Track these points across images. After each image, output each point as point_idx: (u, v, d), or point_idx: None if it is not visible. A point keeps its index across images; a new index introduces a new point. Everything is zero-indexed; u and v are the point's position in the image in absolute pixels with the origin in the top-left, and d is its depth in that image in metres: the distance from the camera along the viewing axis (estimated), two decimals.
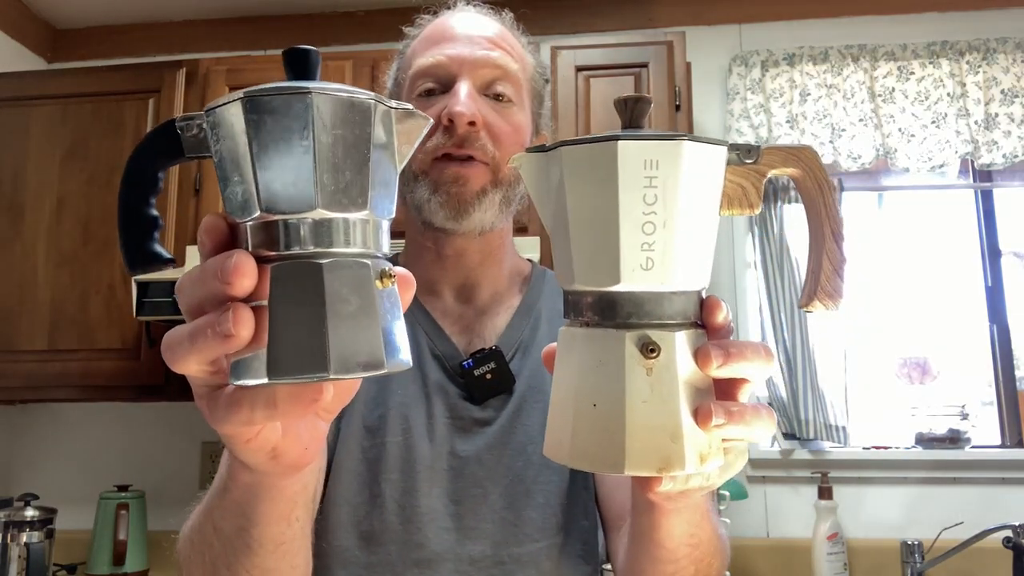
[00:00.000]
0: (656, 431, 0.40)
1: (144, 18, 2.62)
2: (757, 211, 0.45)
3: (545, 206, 0.45)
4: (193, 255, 2.04)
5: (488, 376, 0.80)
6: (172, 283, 1.85)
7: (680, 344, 0.42)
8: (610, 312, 0.42)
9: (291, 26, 2.57)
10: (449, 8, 0.88)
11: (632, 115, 0.44)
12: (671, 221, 0.40)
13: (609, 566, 0.81)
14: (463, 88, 0.79)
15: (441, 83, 0.81)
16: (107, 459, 2.42)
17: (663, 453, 0.40)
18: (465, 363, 0.80)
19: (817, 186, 0.45)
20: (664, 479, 0.43)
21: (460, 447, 0.79)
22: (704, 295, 0.45)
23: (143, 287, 1.89)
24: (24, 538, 1.97)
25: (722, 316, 0.44)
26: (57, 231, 2.13)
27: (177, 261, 1.90)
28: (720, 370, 0.42)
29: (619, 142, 0.40)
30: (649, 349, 0.41)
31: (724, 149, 0.43)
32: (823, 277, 0.45)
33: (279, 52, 0.43)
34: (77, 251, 2.11)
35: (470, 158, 0.79)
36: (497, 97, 0.82)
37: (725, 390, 0.45)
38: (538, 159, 0.45)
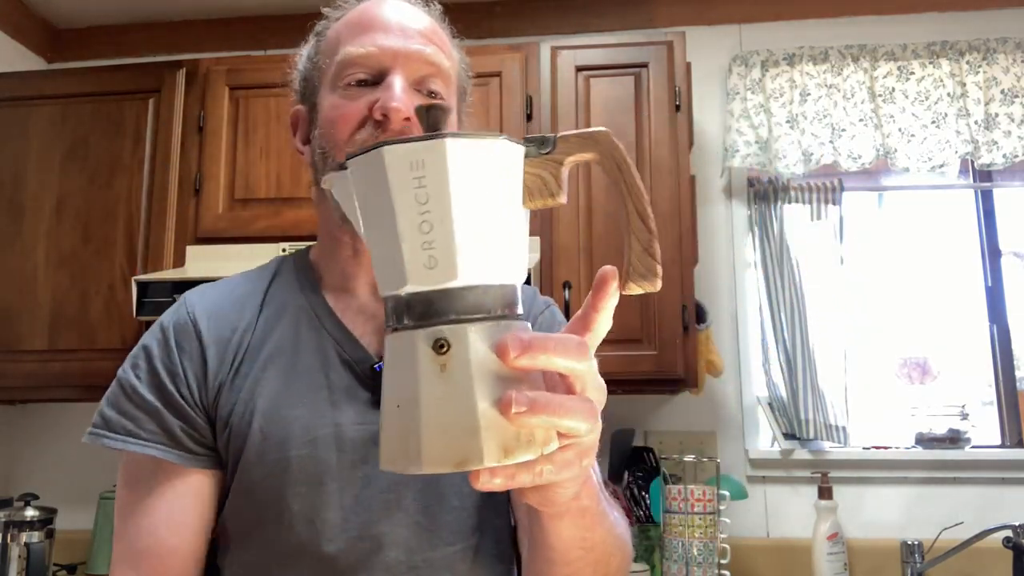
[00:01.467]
0: (452, 427, 0.40)
1: (144, 18, 2.62)
2: (560, 200, 0.45)
3: (355, 223, 0.46)
4: (193, 255, 2.04)
5: None
6: (172, 283, 1.85)
7: (475, 338, 0.41)
8: (407, 314, 0.42)
9: (291, 26, 2.55)
10: None
11: (429, 123, 0.45)
12: (447, 218, 0.40)
13: None
14: (397, 82, 0.76)
15: (372, 74, 0.78)
16: (107, 459, 2.41)
17: (460, 449, 0.40)
18: (377, 365, 0.77)
19: (616, 166, 0.45)
20: (482, 473, 0.41)
21: (371, 454, 0.75)
22: (518, 286, 0.45)
23: (143, 287, 1.88)
24: (24, 538, 1.97)
25: (516, 356, 0.41)
26: (57, 231, 2.13)
27: (177, 261, 1.88)
28: (519, 360, 0.40)
29: (383, 148, 0.41)
30: (439, 346, 0.41)
31: (505, 142, 0.43)
32: (633, 257, 0.45)
33: (279, 52, 0.45)
34: (77, 251, 2.11)
35: None
36: (429, 94, 0.80)
37: (557, 383, 0.45)
38: (339, 178, 0.46)
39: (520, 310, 0.44)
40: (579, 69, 2.05)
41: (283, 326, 0.80)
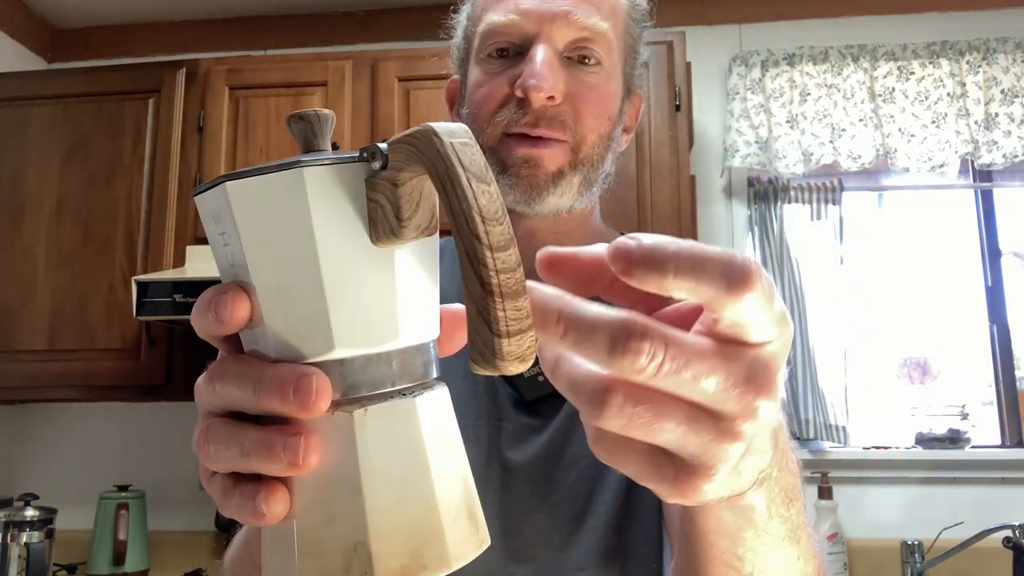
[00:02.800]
0: (280, 546, 0.33)
1: (144, 18, 2.62)
2: (407, 236, 0.31)
3: None
4: (193, 255, 2.05)
5: (540, 378, 0.68)
6: (172, 283, 1.85)
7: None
8: None
9: (291, 26, 2.57)
10: None
11: (298, 137, 0.34)
12: (250, 284, 0.31)
13: None
14: (540, 53, 0.66)
15: (515, 43, 0.69)
16: (107, 459, 2.42)
17: (282, 573, 0.33)
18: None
19: (439, 183, 0.29)
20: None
21: (508, 455, 0.69)
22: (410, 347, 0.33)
23: (143, 287, 1.89)
24: (24, 538, 1.97)
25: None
26: (57, 231, 2.13)
27: (177, 261, 1.89)
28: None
29: (196, 197, 0.33)
30: None
31: (306, 171, 0.30)
32: (471, 328, 0.28)
33: (279, 52, 0.42)
34: (77, 251, 2.11)
35: (545, 139, 0.68)
36: (582, 60, 0.69)
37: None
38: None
39: (393, 384, 0.32)
40: None
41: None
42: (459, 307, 0.35)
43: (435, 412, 0.33)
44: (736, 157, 2.30)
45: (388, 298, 0.32)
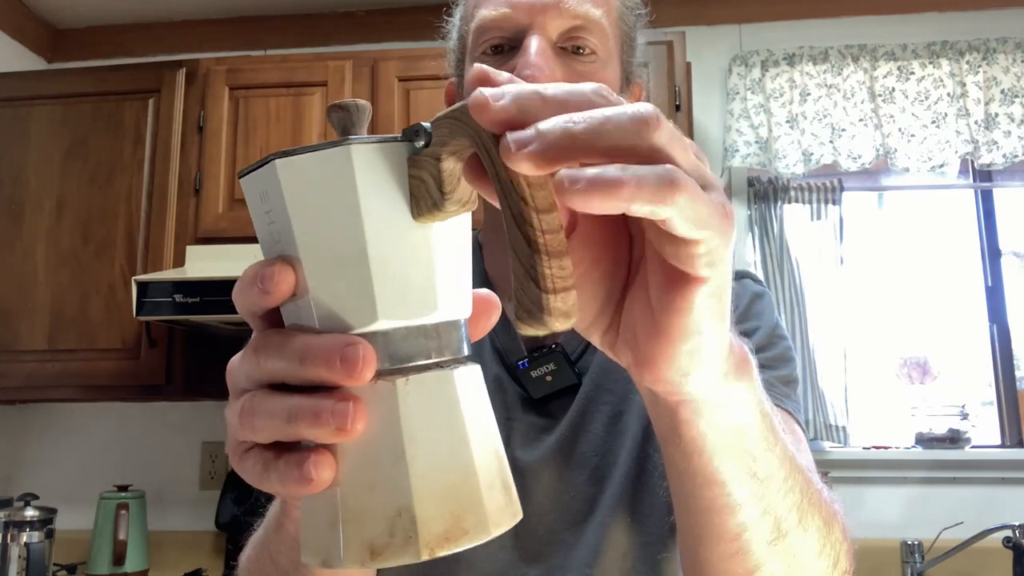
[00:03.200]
0: (320, 516, 0.34)
1: (144, 18, 2.62)
2: (449, 210, 0.32)
3: None
4: (193, 255, 2.04)
5: (548, 378, 0.70)
6: (172, 283, 1.85)
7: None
8: None
9: (291, 26, 2.57)
10: None
11: (337, 126, 0.36)
12: (297, 258, 0.32)
13: None
14: (534, 44, 0.66)
15: (509, 38, 0.69)
16: (107, 459, 2.42)
17: (323, 543, 0.34)
18: (520, 363, 0.70)
19: (485, 153, 0.30)
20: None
21: (519, 455, 0.69)
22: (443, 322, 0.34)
23: (143, 287, 1.89)
24: (24, 538, 1.97)
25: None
26: (57, 231, 2.13)
27: (177, 261, 1.88)
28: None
29: (241, 179, 0.34)
30: None
31: (353, 147, 0.32)
32: (517, 287, 0.30)
33: (279, 52, 0.42)
34: (77, 251, 2.11)
35: None
36: (577, 50, 0.69)
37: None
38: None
39: (436, 356, 0.33)
40: None
41: None
42: (487, 292, 0.37)
43: (471, 385, 0.34)
44: (736, 157, 2.30)
45: (428, 272, 0.33)
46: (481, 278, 0.77)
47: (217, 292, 1.85)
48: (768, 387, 0.57)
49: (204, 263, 2.02)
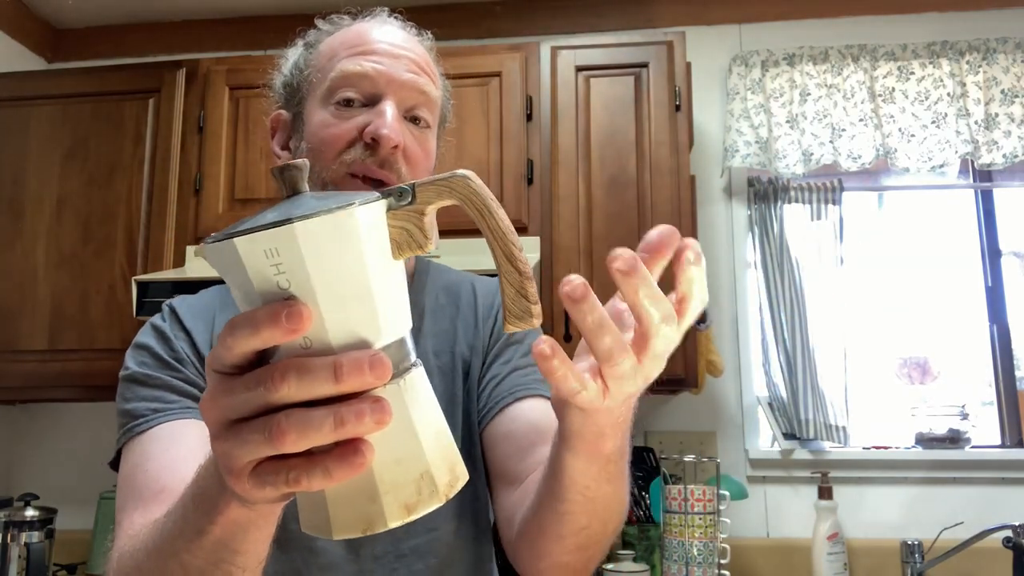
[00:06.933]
0: (353, 494, 0.42)
1: (144, 18, 2.62)
2: (429, 249, 0.44)
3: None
4: (193, 255, 2.04)
5: None
6: (172, 283, 1.85)
7: None
8: None
9: (291, 26, 2.54)
10: (371, 16, 0.88)
11: (288, 183, 0.44)
12: (312, 300, 0.39)
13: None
14: (390, 110, 0.80)
15: (364, 95, 0.81)
16: (107, 459, 2.41)
17: (364, 514, 0.42)
18: None
19: (476, 211, 0.43)
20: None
21: None
22: (404, 336, 0.44)
23: (143, 287, 1.88)
24: (24, 538, 1.97)
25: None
26: (57, 231, 2.13)
27: (177, 261, 1.87)
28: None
29: (235, 240, 0.39)
30: None
31: (359, 209, 0.40)
32: (507, 300, 0.44)
33: (279, 52, 0.45)
34: (77, 251, 2.11)
35: (383, 182, 0.80)
36: (415, 120, 0.83)
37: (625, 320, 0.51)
38: (209, 252, 0.43)
39: (412, 359, 0.44)
40: (579, 69, 2.05)
41: None
42: None
43: (426, 376, 0.46)
44: (736, 157, 2.31)
45: (403, 297, 0.44)
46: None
47: None
48: (543, 383, 0.84)
49: (204, 263, 2.02)
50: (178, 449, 0.75)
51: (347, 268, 0.40)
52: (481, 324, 0.91)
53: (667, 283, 0.48)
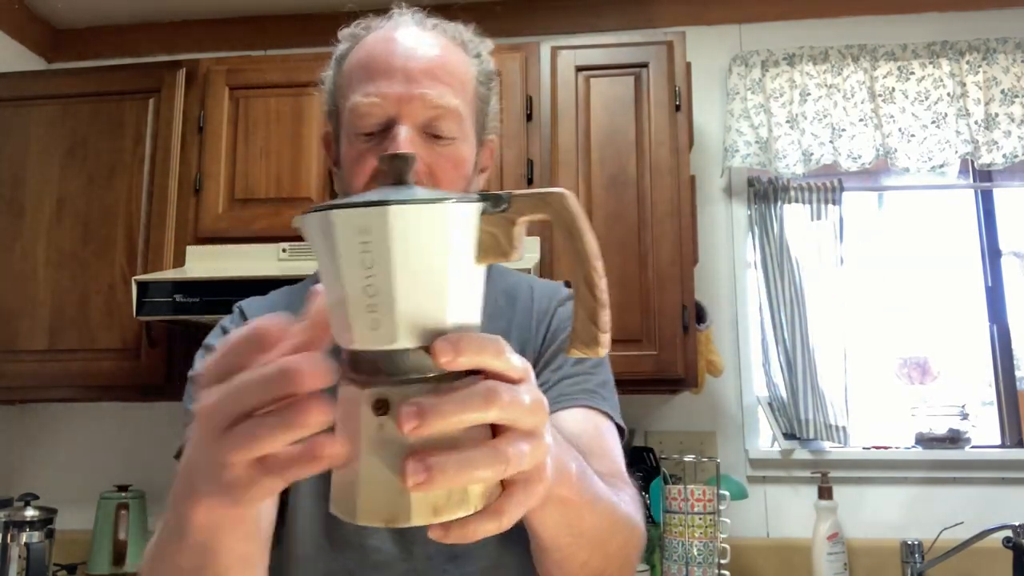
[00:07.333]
0: (384, 485, 0.42)
1: (144, 18, 2.62)
2: (514, 257, 0.44)
3: (318, 265, 0.46)
4: (193, 255, 2.04)
5: None
6: (172, 283, 1.85)
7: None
8: (357, 368, 0.44)
9: (291, 26, 2.57)
10: (390, 18, 0.86)
11: (393, 174, 0.45)
12: (390, 284, 0.41)
13: None
14: (402, 133, 0.78)
15: (379, 125, 0.80)
16: (107, 459, 2.42)
17: (390, 506, 0.42)
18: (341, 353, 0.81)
19: (567, 230, 0.44)
20: (433, 528, 0.43)
21: None
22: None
23: (143, 287, 1.89)
24: (24, 538, 1.97)
25: (448, 359, 0.41)
26: (57, 231, 2.13)
27: (177, 261, 1.88)
28: (418, 431, 0.40)
29: (332, 212, 0.41)
30: (379, 405, 0.42)
31: (454, 205, 0.42)
32: (577, 324, 0.44)
33: (279, 52, 0.44)
34: (77, 251, 2.11)
35: None
36: (436, 138, 0.81)
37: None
38: (302, 223, 0.46)
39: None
40: (579, 69, 2.05)
41: None
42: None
43: None
44: (736, 157, 2.31)
45: (476, 302, 0.45)
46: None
47: (217, 292, 1.85)
48: (590, 395, 0.84)
49: (204, 263, 2.02)
50: None
51: (429, 260, 0.41)
52: (535, 327, 0.90)
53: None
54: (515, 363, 0.44)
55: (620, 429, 0.87)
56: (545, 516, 0.57)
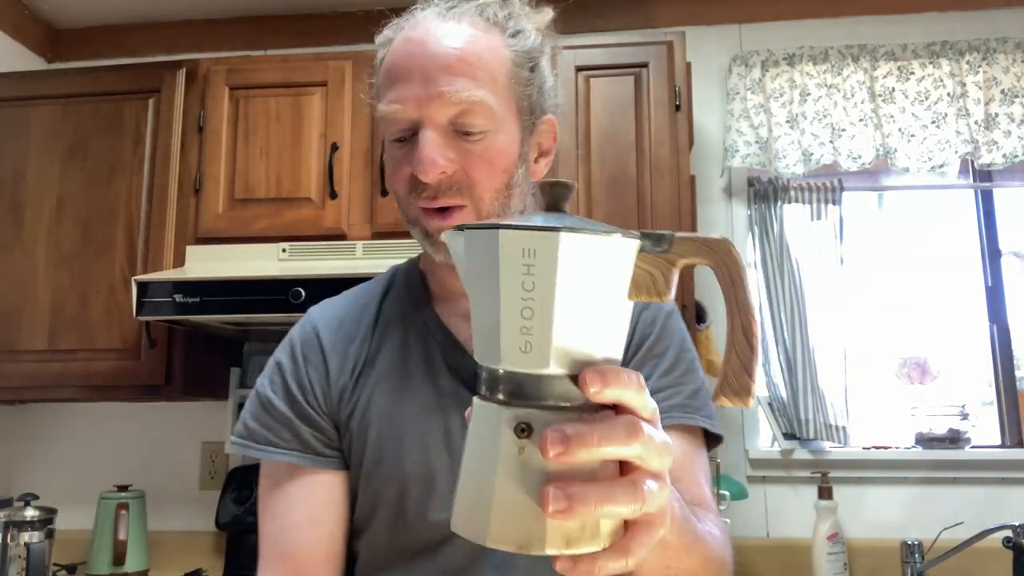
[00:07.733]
0: (520, 509, 0.41)
1: (144, 18, 2.62)
2: (666, 299, 0.44)
3: (464, 281, 0.47)
4: (193, 255, 2.04)
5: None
6: (172, 283, 1.85)
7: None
8: (497, 389, 0.44)
9: (291, 26, 2.57)
10: (412, 14, 0.83)
11: (552, 199, 0.46)
12: (548, 309, 0.41)
13: None
14: (425, 137, 0.76)
15: (406, 131, 0.79)
16: (107, 459, 2.42)
17: (523, 532, 0.42)
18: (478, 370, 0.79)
19: (729, 279, 0.44)
20: (561, 560, 0.43)
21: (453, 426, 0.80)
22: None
23: (143, 287, 1.88)
24: (24, 538, 1.97)
25: (596, 390, 0.41)
26: (57, 231, 2.13)
27: (177, 261, 1.88)
28: (561, 458, 0.40)
29: (500, 231, 0.41)
30: (521, 428, 0.42)
31: (621, 239, 0.43)
32: (730, 372, 0.44)
33: (279, 52, 0.44)
34: (77, 251, 2.11)
35: (448, 208, 0.78)
36: (465, 135, 0.77)
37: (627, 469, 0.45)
38: (453, 238, 0.47)
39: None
40: (579, 69, 2.05)
41: (395, 337, 0.86)
42: None
43: None
44: (736, 157, 2.30)
45: (621, 337, 0.45)
46: (426, 295, 0.89)
47: (217, 292, 1.85)
48: (682, 409, 0.81)
49: (204, 263, 2.02)
50: (299, 512, 0.81)
51: (588, 289, 0.42)
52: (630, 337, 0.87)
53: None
54: (649, 402, 0.44)
55: (716, 436, 0.85)
56: (652, 561, 0.55)
